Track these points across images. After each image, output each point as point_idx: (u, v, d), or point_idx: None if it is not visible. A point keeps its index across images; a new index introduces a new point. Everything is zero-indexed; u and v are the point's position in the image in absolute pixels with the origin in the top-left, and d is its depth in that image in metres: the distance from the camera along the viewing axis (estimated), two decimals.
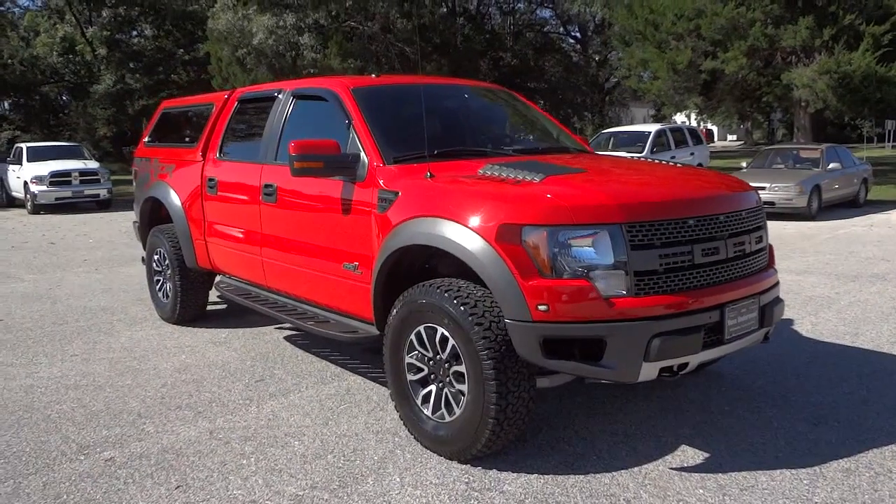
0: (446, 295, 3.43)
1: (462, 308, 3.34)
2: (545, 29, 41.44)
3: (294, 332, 5.99)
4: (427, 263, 4.01)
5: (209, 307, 6.63)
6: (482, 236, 3.32)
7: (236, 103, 5.70)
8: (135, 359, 5.41)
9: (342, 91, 4.52)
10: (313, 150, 4.04)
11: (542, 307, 3.18)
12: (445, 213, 3.52)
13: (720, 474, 3.42)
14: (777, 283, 3.96)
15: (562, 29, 42.90)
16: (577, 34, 42.84)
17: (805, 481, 3.34)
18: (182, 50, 37.89)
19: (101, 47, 37.12)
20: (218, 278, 6.12)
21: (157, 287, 6.59)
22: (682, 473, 3.44)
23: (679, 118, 45.09)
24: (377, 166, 4.06)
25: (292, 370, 5.06)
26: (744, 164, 16.26)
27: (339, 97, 4.50)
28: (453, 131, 4.87)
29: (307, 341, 5.72)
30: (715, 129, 61.00)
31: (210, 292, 6.44)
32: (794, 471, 3.43)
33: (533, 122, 5.32)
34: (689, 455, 3.64)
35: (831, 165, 14.56)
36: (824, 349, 5.35)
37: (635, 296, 3.21)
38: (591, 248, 3.21)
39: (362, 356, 5.26)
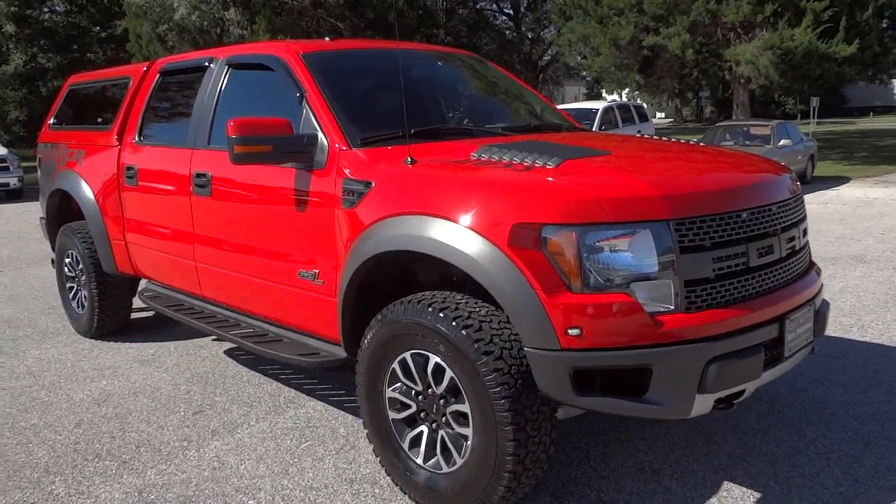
0: (441, 315, 2.67)
1: (464, 332, 2.59)
2: (478, 6, 40.53)
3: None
4: (405, 269, 3.25)
5: (133, 315, 5.68)
6: (491, 240, 2.57)
7: (157, 76, 4.76)
8: (43, 388, 4.47)
9: (291, 57, 3.67)
10: (259, 130, 3.21)
11: (572, 331, 2.45)
12: (438, 210, 2.75)
13: None
14: (823, 284, 3.35)
15: (494, 6, 42.10)
16: (510, 11, 42.13)
17: None
18: (98, 27, 35.50)
19: (9, 24, 34.39)
20: (143, 285, 5.20)
21: (71, 295, 5.60)
22: None
23: (610, 96, 44.94)
24: (340, 150, 3.25)
25: (237, 396, 4.22)
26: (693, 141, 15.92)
27: (288, 65, 3.65)
28: (428, 106, 4.05)
29: (252, 356, 4.87)
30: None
31: (134, 299, 5.50)
32: None
33: (517, 96, 4.54)
34: (737, 495, 3.00)
35: (782, 142, 14.34)
36: (837, 347, 4.82)
37: (685, 311, 2.53)
38: (628, 253, 2.51)
39: (320, 373, 4.47)
